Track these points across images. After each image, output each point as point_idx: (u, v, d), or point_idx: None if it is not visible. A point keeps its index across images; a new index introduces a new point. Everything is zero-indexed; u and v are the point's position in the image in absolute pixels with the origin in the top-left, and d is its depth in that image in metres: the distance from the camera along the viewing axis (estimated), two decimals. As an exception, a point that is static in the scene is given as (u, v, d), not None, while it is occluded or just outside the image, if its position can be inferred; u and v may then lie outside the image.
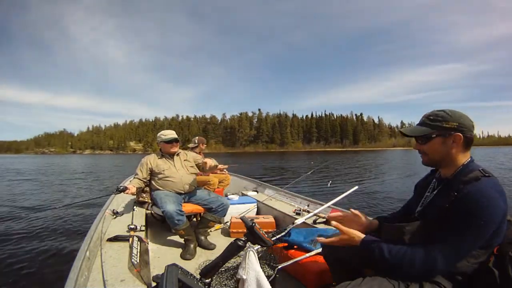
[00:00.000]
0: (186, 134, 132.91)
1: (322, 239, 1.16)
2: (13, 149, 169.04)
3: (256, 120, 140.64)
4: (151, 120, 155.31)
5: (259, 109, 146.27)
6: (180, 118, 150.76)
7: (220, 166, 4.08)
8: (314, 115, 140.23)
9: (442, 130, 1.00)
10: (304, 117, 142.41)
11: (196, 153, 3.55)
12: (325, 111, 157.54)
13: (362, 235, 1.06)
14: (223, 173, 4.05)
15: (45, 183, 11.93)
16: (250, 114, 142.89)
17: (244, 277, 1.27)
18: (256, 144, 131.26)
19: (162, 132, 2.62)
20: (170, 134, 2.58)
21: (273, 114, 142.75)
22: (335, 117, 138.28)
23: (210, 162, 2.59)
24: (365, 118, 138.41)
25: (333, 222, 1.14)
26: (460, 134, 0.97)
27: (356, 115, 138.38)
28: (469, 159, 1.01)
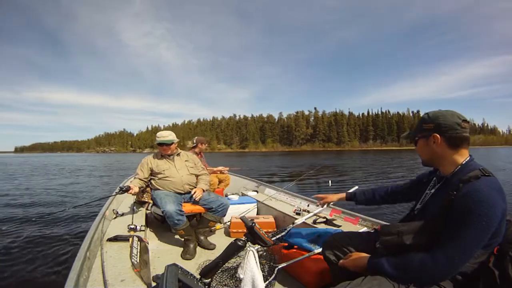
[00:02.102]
0: (243, 133, 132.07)
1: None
2: (74, 148, 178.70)
3: (312, 118, 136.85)
4: (209, 120, 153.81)
5: (315, 108, 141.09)
6: (237, 117, 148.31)
7: (220, 168, 4.09)
8: (370, 113, 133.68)
9: (422, 132, 1.05)
10: (361, 115, 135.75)
11: (196, 153, 3.56)
12: (381, 108, 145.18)
13: (366, 258, 1.06)
14: (223, 173, 4.05)
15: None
16: (306, 113, 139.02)
17: (241, 276, 1.28)
18: (313, 143, 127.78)
19: (158, 133, 2.58)
20: (163, 136, 2.54)
21: (329, 113, 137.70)
22: (391, 114, 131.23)
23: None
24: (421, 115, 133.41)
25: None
26: (437, 134, 1.00)
27: (412, 112, 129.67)
28: (468, 158, 1.01)
